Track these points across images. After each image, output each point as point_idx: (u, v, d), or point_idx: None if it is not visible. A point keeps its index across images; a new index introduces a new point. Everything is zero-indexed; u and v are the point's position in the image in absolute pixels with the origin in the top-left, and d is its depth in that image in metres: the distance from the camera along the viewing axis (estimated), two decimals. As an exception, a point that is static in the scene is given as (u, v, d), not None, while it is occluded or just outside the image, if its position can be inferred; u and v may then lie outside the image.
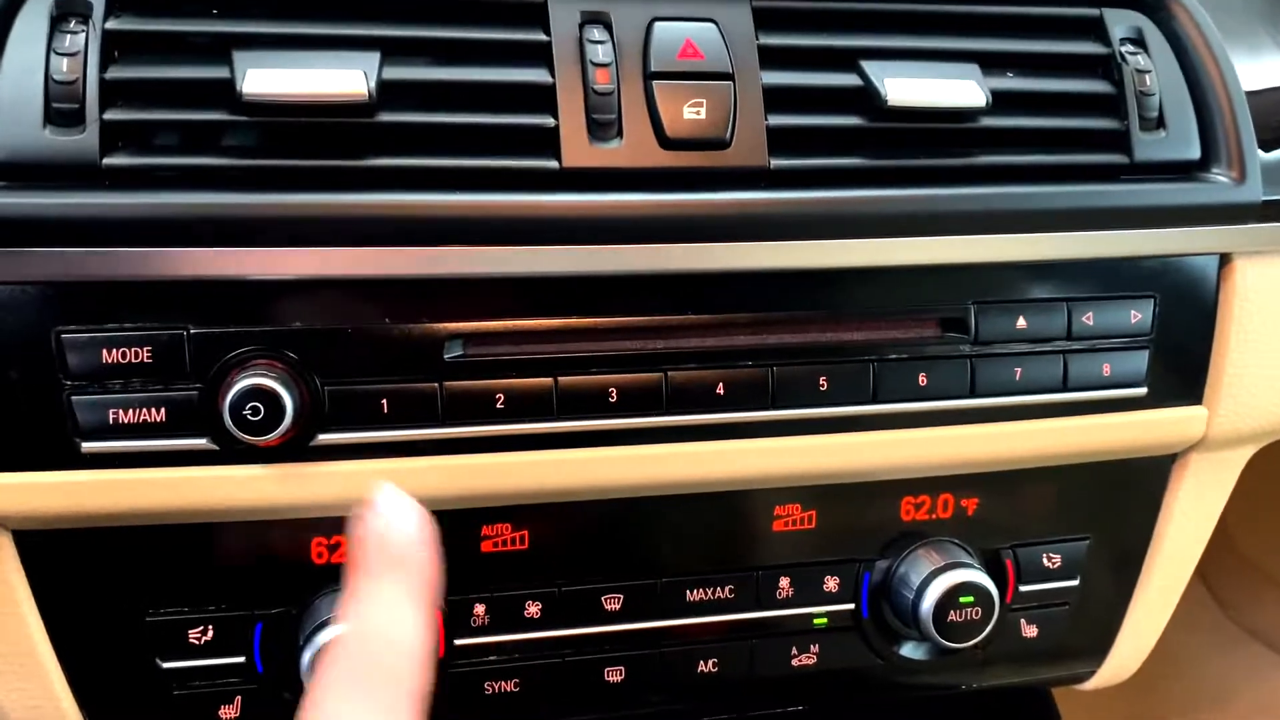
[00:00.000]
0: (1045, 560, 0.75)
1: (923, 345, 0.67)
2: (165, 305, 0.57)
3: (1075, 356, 0.69)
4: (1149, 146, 0.68)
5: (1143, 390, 0.71)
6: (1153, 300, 0.70)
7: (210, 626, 0.63)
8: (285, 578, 0.64)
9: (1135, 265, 0.70)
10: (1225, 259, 0.72)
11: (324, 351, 0.59)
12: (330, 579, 0.64)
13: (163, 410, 0.58)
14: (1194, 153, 0.69)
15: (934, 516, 0.72)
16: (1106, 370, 0.70)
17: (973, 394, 0.68)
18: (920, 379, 0.67)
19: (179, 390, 0.58)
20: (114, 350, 0.57)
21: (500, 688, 0.67)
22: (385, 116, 0.58)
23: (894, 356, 0.66)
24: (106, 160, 0.55)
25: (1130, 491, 0.77)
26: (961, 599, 0.69)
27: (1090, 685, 0.83)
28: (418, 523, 0.46)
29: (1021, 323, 0.68)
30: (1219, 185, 0.69)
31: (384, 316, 0.60)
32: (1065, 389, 0.69)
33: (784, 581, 0.71)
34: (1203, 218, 0.69)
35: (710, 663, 0.71)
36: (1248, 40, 0.73)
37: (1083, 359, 0.69)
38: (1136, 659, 0.82)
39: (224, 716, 0.65)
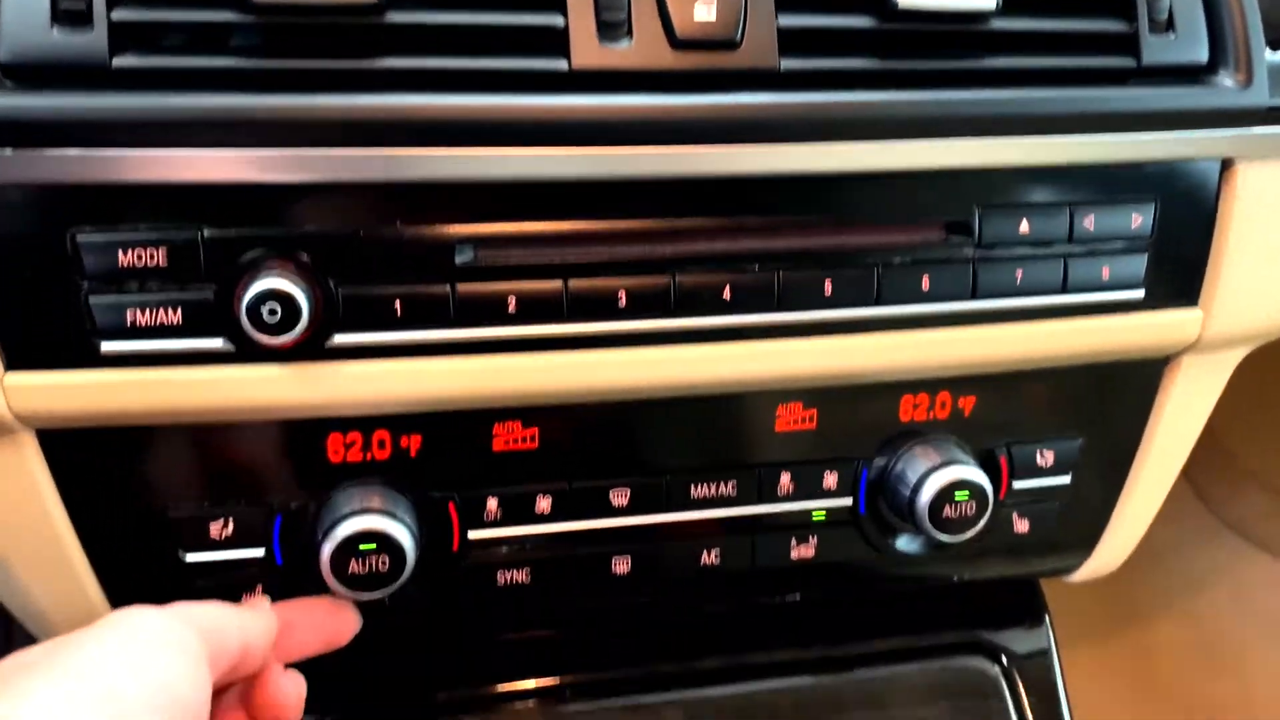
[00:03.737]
0: (1039, 458, 0.77)
1: (927, 249, 0.68)
2: (179, 207, 0.57)
3: (1075, 260, 0.70)
4: (1157, 49, 0.68)
5: (1140, 293, 0.72)
6: (1154, 204, 0.71)
7: (231, 520, 0.65)
8: (303, 473, 0.65)
9: (1137, 169, 0.70)
10: (1227, 164, 0.72)
11: (337, 254, 0.59)
12: (347, 475, 0.66)
13: (179, 311, 0.59)
14: (1202, 55, 0.69)
15: (931, 416, 0.74)
16: (1105, 273, 0.71)
17: (974, 296, 0.69)
18: (924, 282, 0.68)
19: (195, 292, 0.59)
20: (130, 252, 0.57)
21: (512, 578, 0.70)
22: (394, 16, 0.57)
23: (898, 260, 0.67)
24: (116, 61, 0.54)
25: (1123, 393, 0.78)
26: (957, 494, 0.71)
27: (1077, 577, 0.86)
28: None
29: (1024, 226, 0.68)
30: (1225, 90, 0.69)
31: (396, 220, 0.60)
32: (1065, 291, 0.70)
33: (785, 478, 0.73)
34: (1207, 122, 0.69)
35: (713, 554, 0.73)
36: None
37: (1083, 262, 0.70)
38: (1122, 553, 0.85)
39: (245, 608, 0.67)
